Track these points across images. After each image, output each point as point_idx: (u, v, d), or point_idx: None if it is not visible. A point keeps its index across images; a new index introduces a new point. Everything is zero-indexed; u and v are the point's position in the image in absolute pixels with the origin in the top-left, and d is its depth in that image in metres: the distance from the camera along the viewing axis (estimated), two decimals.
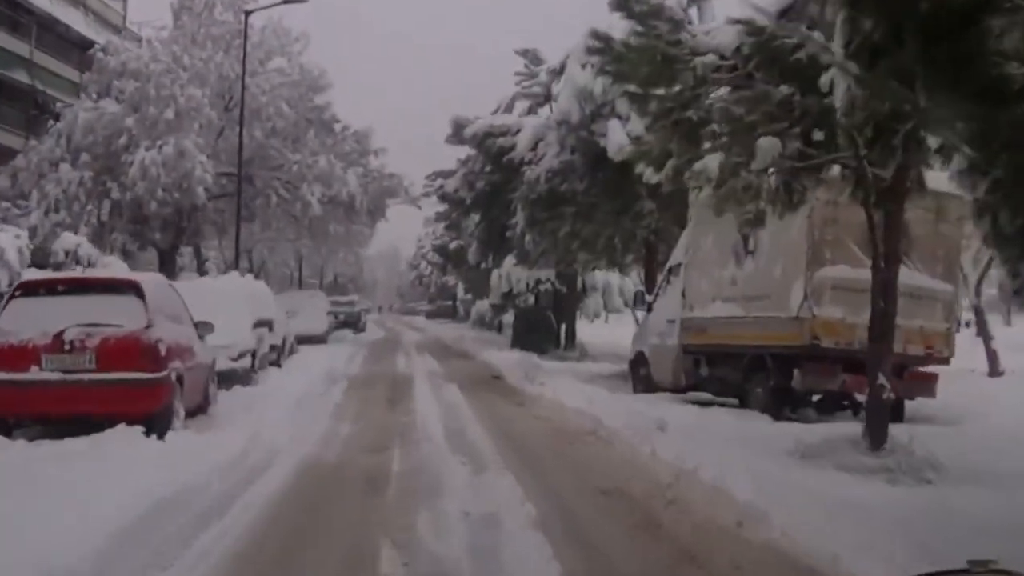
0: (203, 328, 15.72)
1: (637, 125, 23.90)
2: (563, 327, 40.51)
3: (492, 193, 37.14)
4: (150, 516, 7.94)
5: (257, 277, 69.80)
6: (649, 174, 22.90)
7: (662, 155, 13.57)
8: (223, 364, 18.69)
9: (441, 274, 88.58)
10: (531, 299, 43.19)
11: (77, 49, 52.24)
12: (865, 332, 16.76)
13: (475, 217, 42.21)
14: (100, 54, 42.47)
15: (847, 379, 17.21)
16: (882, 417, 12.72)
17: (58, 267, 27.11)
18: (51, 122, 42.25)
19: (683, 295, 20.90)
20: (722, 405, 19.17)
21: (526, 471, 11.92)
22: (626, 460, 12.84)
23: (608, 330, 44.49)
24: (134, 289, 13.40)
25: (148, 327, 13.04)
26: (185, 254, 51.16)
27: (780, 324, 17.68)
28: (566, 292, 40.64)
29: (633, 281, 45.44)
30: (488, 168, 37.15)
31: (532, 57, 38.59)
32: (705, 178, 12.66)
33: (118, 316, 13.02)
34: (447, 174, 44.72)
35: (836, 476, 11.14)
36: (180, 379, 13.69)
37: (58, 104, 44.20)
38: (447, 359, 35.82)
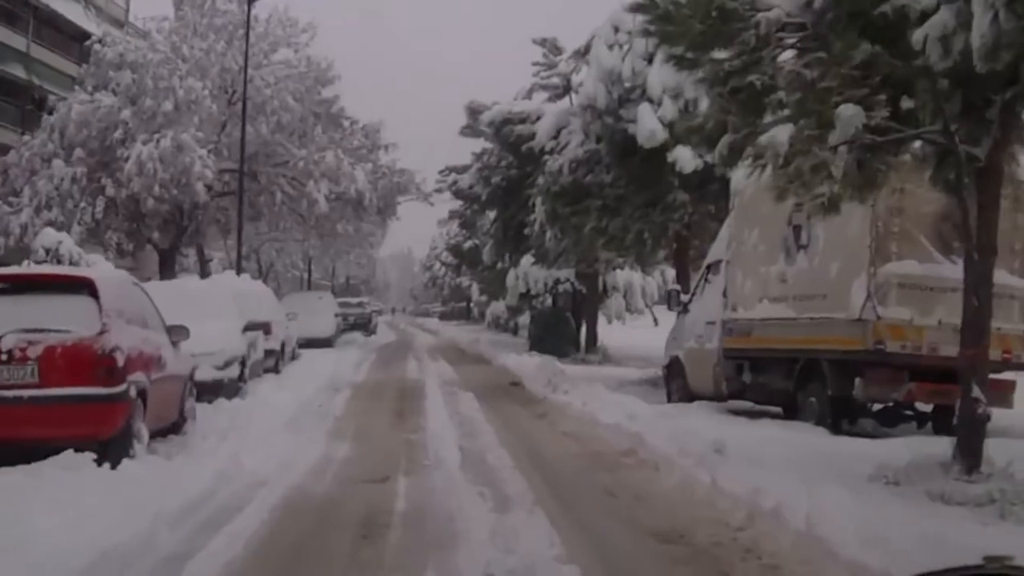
0: (177, 333, 13.39)
1: (670, 109, 21.94)
2: (583, 329, 39.02)
3: (509, 188, 35.20)
4: None
5: (266, 279, 69.04)
6: (684, 162, 21.03)
7: (715, 130, 11.51)
8: (206, 374, 16.47)
9: (455, 275, 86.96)
10: (549, 300, 41.70)
11: (77, 44, 50.38)
12: (935, 335, 15.29)
13: (490, 214, 40.44)
14: (97, 46, 40.45)
15: (913, 387, 15.52)
16: (977, 435, 10.96)
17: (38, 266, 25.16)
18: (44, 116, 40.38)
19: (724, 294, 18.84)
20: (770, 416, 17.24)
21: (561, 508, 9.77)
22: (682, 492, 10.62)
23: (626, 332, 42.41)
24: (87, 287, 11.08)
25: (103, 333, 10.76)
26: (191, 255, 49.26)
27: (839, 326, 15.74)
28: (586, 292, 38.81)
29: (657, 281, 43.75)
30: (504, 162, 35.18)
31: (551, 46, 36.54)
32: (772, 154, 10.54)
33: (67, 319, 10.75)
34: (461, 169, 42.64)
35: (937, 510, 9.25)
36: (143, 394, 11.37)
37: (51, 98, 42.42)
38: (462, 364, 33.80)
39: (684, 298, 21.11)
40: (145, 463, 10.49)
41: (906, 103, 10.44)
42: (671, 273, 45.74)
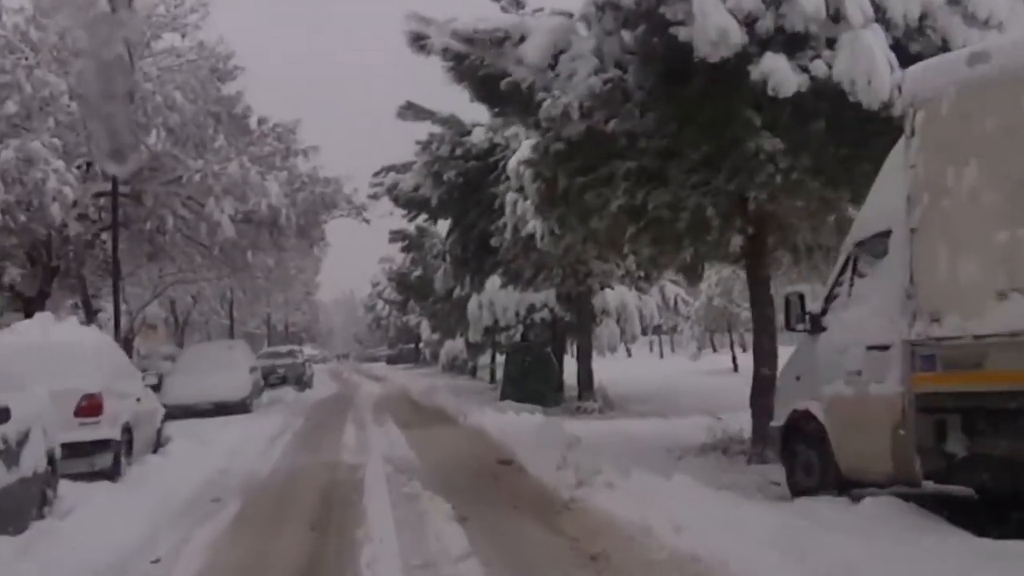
0: None
1: None
2: (574, 368, 31.24)
3: (468, 185, 26.56)
4: None
5: (182, 331, 59.69)
6: (780, 80, 12.14)
7: None
8: None
9: (401, 313, 78.26)
10: (519, 334, 33.48)
11: None
12: None
13: (443, 227, 31.93)
14: None
15: None
16: None
17: None
18: None
19: (908, 294, 9.84)
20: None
21: None
22: None
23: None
24: None
25: None
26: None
27: None
28: (572, 319, 30.76)
29: (656, 301, 35.18)
30: (460, 150, 26.48)
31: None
32: None
33: None
34: (402, 167, 33.25)
35: None
36: None
37: None
38: (419, 426, 24.53)
39: (813, 307, 12.03)
40: None
41: None
42: (673, 290, 37.41)
